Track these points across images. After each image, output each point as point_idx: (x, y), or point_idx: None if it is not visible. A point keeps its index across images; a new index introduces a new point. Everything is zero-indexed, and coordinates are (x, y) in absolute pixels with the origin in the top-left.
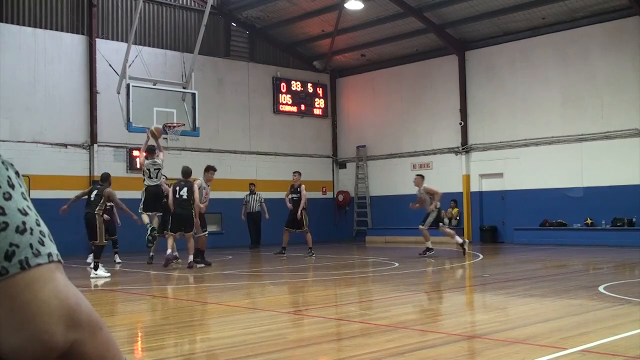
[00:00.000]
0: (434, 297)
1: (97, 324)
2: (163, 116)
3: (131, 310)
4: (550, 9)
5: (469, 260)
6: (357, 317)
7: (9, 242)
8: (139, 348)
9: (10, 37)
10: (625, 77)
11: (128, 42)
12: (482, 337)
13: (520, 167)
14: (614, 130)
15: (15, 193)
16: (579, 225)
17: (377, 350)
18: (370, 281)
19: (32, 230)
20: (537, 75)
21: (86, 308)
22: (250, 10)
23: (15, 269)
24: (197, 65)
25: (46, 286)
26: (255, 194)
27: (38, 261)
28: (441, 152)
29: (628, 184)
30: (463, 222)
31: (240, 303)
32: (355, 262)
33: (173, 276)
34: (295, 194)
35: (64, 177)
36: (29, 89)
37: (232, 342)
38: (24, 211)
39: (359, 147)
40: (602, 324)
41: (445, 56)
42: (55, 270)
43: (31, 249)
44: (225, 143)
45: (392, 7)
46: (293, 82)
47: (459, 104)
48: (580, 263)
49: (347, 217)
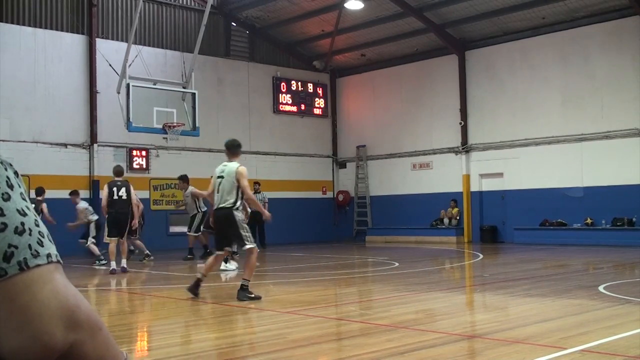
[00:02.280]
0: (434, 297)
1: (96, 324)
2: (163, 116)
3: (131, 310)
4: (550, 9)
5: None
6: (357, 317)
7: (8, 243)
8: (139, 348)
9: (10, 37)
10: (625, 77)
11: (128, 42)
12: (482, 337)
13: (520, 167)
14: (614, 130)
15: (14, 194)
16: (579, 225)
17: (377, 350)
18: (370, 281)
19: (31, 231)
20: (537, 75)
21: (85, 308)
22: (250, 10)
23: (14, 270)
24: (197, 65)
25: (45, 287)
26: (259, 193)
27: (37, 262)
28: (441, 152)
29: (628, 184)
30: (463, 221)
31: (240, 303)
32: (355, 262)
33: (173, 276)
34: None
35: (64, 177)
36: (29, 89)
37: (232, 342)
38: (22, 212)
39: (359, 147)
40: (602, 323)
41: (445, 56)
42: (54, 271)
43: (30, 250)
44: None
45: (392, 6)
46: (293, 82)
47: (459, 104)
48: (580, 263)
49: (347, 217)
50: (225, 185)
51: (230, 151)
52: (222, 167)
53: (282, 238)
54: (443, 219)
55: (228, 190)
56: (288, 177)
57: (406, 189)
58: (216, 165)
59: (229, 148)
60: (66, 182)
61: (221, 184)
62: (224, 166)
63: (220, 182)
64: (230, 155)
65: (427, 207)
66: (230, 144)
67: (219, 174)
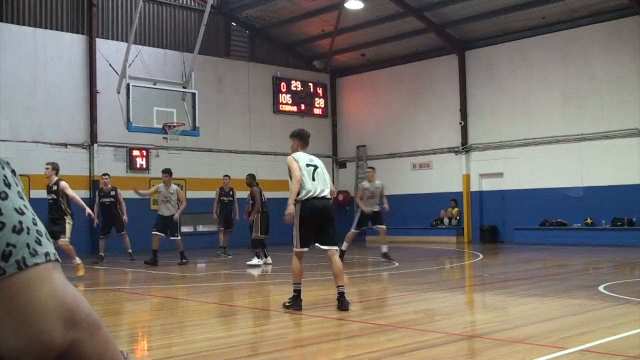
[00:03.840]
0: (434, 297)
1: (95, 323)
2: (163, 116)
3: (131, 310)
4: (550, 8)
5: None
6: (357, 317)
7: (6, 242)
8: (139, 348)
9: (10, 37)
10: (625, 77)
11: (128, 42)
12: (482, 337)
13: (520, 166)
14: (613, 130)
15: (12, 192)
16: (579, 225)
17: (377, 350)
18: (370, 281)
19: (29, 230)
20: (537, 75)
21: (84, 307)
22: (250, 10)
23: (13, 269)
24: (197, 65)
25: (44, 286)
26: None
27: (35, 261)
28: (441, 151)
29: (628, 184)
30: (463, 221)
31: (240, 303)
32: (355, 262)
33: (173, 276)
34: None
35: (64, 176)
36: (29, 89)
37: (232, 342)
38: (20, 210)
39: (359, 147)
40: (602, 323)
41: (445, 56)
42: (52, 270)
43: (28, 249)
44: (225, 143)
45: (392, 6)
46: (293, 82)
47: (459, 104)
48: (580, 263)
49: (347, 217)
50: (323, 175)
51: (306, 142)
52: (305, 155)
53: (282, 238)
54: (443, 219)
55: (325, 180)
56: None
57: (406, 189)
58: (216, 165)
59: (304, 138)
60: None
61: (317, 172)
62: (307, 155)
63: (315, 170)
64: (305, 146)
65: (427, 207)
66: (306, 134)
67: (308, 162)
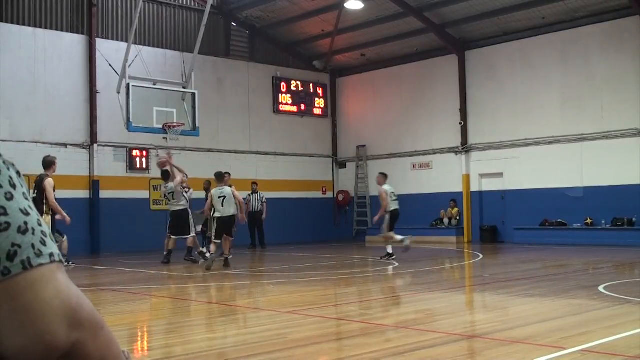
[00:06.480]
0: (434, 297)
1: (98, 323)
2: (163, 116)
3: (131, 310)
4: (550, 9)
5: (469, 260)
6: (357, 317)
7: (11, 242)
8: (140, 348)
9: (10, 37)
10: (625, 77)
11: (128, 42)
12: (482, 337)
13: (520, 166)
14: (613, 130)
15: (17, 193)
16: (579, 225)
17: (377, 350)
18: (370, 281)
19: (34, 231)
20: (537, 75)
21: (88, 308)
22: (250, 10)
23: (18, 269)
24: (197, 65)
25: (48, 286)
26: (257, 193)
27: (40, 261)
28: (441, 152)
29: (628, 184)
30: (463, 221)
31: (240, 303)
32: (355, 262)
33: (173, 276)
34: None
35: (64, 177)
36: (29, 89)
37: (232, 342)
38: (25, 211)
39: (359, 147)
40: (602, 323)
41: (445, 56)
42: (56, 271)
43: (33, 249)
44: (225, 143)
45: (392, 6)
46: (293, 82)
47: (459, 104)
48: (580, 263)
49: (347, 217)
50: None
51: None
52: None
53: (282, 238)
54: (443, 219)
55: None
56: (288, 177)
57: (406, 189)
58: (216, 165)
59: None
60: (66, 182)
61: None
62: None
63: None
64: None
65: (427, 207)
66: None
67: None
